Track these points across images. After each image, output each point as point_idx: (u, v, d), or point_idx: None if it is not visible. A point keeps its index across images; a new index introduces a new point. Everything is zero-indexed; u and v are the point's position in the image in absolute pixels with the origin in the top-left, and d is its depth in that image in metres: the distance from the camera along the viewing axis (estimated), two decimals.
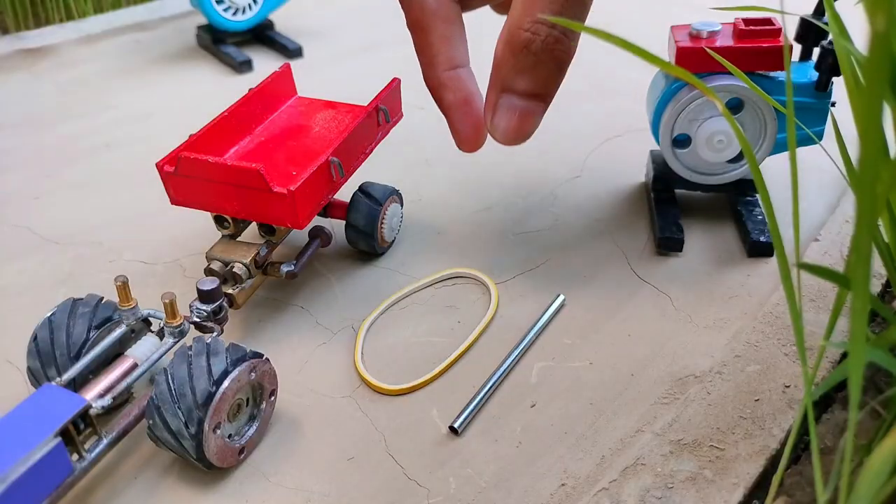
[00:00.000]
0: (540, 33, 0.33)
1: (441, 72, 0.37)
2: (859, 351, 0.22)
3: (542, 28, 0.33)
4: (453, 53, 0.37)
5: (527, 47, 0.33)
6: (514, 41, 0.33)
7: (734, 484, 0.31)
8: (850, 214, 0.48)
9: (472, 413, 0.36)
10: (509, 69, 0.34)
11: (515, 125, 0.35)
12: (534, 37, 0.33)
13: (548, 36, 0.33)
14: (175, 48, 0.79)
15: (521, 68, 0.34)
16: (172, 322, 0.35)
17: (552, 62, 0.34)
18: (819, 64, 0.43)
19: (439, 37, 0.36)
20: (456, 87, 0.37)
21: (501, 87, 0.35)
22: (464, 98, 0.37)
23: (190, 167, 0.37)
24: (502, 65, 0.34)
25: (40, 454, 0.27)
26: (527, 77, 0.34)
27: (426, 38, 0.36)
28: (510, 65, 0.34)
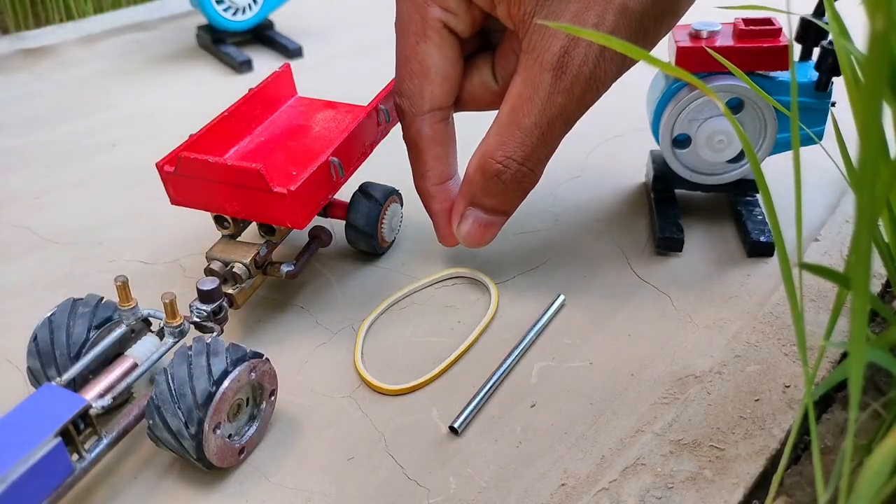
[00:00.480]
0: (510, 167, 0.37)
1: (431, 185, 0.41)
2: (859, 351, 0.22)
3: (512, 163, 0.37)
4: (444, 170, 0.41)
5: (497, 176, 0.37)
6: (486, 169, 0.37)
7: (734, 484, 0.31)
8: (850, 214, 0.48)
9: (472, 413, 0.36)
10: (478, 189, 0.38)
11: (478, 234, 0.40)
12: (504, 169, 0.37)
13: (517, 171, 0.37)
14: (175, 48, 0.79)
15: (489, 191, 0.38)
16: (172, 322, 0.35)
17: (518, 190, 0.38)
18: (819, 64, 0.43)
19: (433, 157, 0.40)
20: (443, 198, 0.41)
21: (470, 201, 0.39)
22: (449, 207, 0.41)
23: (190, 167, 0.37)
24: (473, 184, 0.38)
25: (40, 454, 0.27)
26: (493, 198, 0.39)
27: (420, 156, 0.40)
28: (479, 186, 0.38)
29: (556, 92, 0.35)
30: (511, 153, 0.36)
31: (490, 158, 0.37)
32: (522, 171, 0.37)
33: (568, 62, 0.34)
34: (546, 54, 0.34)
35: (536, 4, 0.34)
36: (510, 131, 0.36)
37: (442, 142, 0.40)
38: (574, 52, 0.34)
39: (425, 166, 0.40)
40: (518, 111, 0.36)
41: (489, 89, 0.40)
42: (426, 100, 0.39)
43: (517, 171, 0.37)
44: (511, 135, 0.36)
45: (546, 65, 0.34)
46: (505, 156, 0.37)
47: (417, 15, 0.37)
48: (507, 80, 0.39)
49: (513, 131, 0.36)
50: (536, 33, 0.34)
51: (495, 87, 0.40)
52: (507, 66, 0.39)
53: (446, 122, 0.40)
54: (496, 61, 0.40)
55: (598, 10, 0.33)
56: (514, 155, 0.36)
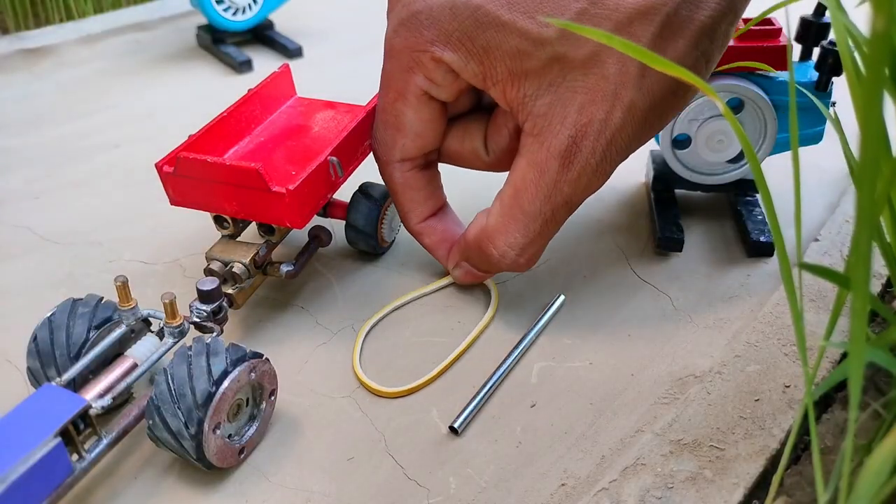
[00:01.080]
0: (507, 257, 0.37)
1: (414, 224, 0.42)
2: (859, 351, 0.22)
3: (510, 253, 0.37)
4: (422, 211, 0.42)
5: (491, 258, 0.38)
6: (484, 251, 0.38)
7: (734, 484, 0.31)
8: (850, 214, 0.48)
9: (472, 413, 0.36)
10: (474, 259, 0.40)
11: (469, 280, 0.42)
12: (501, 259, 0.38)
13: (513, 261, 0.38)
14: (175, 48, 0.79)
15: (482, 261, 0.39)
16: (172, 322, 0.35)
17: (509, 269, 0.39)
18: (819, 64, 0.43)
19: (408, 200, 0.41)
20: (430, 233, 0.42)
21: (464, 258, 0.41)
22: (440, 239, 0.42)
23: (189, 167, 0.37)
24: (469, 251, 0.40)
25: (40, 454, 0.27)
26: (484, 266, 0.40)
27: (397, 199, 0.41)
28: (475, 258, 0.39)
29: (563, 181, 0.35)
30: (511, 241, 0.37)
31: (489, 242, 0.37)
32: (519, 261, 0.38)
33: (576, 152, 0.34)
34: (554, 141, 0.34)
35: (538, 88, 0.33)
36: (513, 215, 0.36)
37: (415, 187, 0.40)
38: (583, 142, 0.33)
39: (403, 209, 0.42)
40: (522, 195, 0.36)
41: (480, 159, 0.40)
42: (397, 150, 0.39)
43: (513, 261, 0.37)
44: (514, 219, 0.36)
45: (553, 152, 0.34)
46: (505, 244, 0.37)
47: (401, 77, 0.37)
48: (498, 154, 0.39)
49: (515, 216, 0.36)
50: (542, 118, 0.34)
51: (486, 159, 0.40)
52: (499, 142, 0.39)
53: (420, 170, 0.41)
54: (489, 133, 0.39)
55: (606, 106, 0.33)
56: (513, 244, 0.37)
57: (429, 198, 0.41)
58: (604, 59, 0.32)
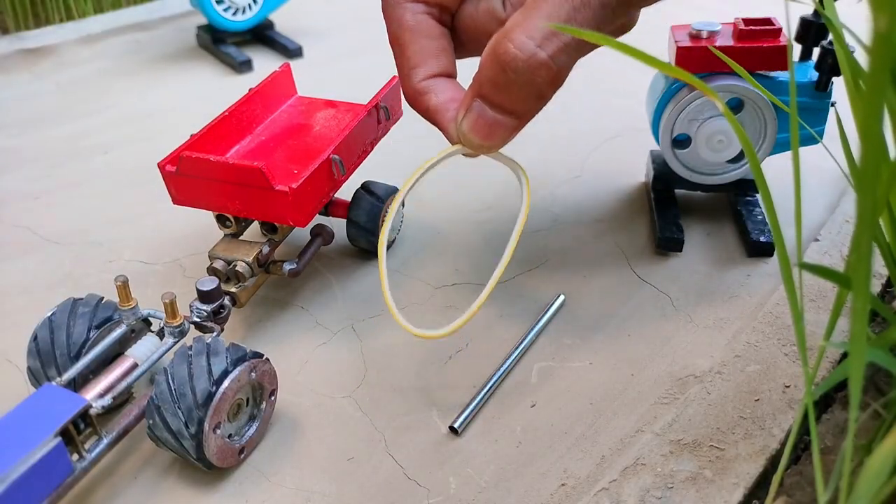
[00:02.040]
0: (524, 51, 0.30)
1: (417, 82, 0.34)
2: (860, 351, 0.22)
3: (528, 45, 0.30)
4: (432, 65, 0.34)
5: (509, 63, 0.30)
6: (498, 52, 0.30)
7: (734, 484, 0.31)
8: (850, 214, 0.48)
9: (472, 413, 0.36)
10: (487, 78, 0.32)
11: (481, 132, 0.33)
12: (518, 54, 0.30)
13: (531, 57, 0.30)
14: (175, 48, 0.79)
15: (497, 82, 0.31)
16: (172, 322, 0.35)
17: (531, 87, 0.31)
18: (819, 64, 0.43)
19: (416, 51, 0.34)
20: (437, 91, 0.34)
21: (477, 91, 0.32)
22: (448, 99, 0.34)
23: (192, 166, 0.37)
24: (482, 71, 0.32)
25: (40, 454, 0.27)
26: (502, 92, 0.31)
27: (403, 52, 0.34)
28: (488, 74, 0.31)
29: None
30: (531, 32, 0.29)
31: (505, 39, 0.30)
32: (538, 58, 0.30)
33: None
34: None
35: None
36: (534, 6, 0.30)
37: (428, 34, 0.34)
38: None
39: (409, 63, 0.34)
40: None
41: (496, 17, 0.34)
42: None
43: (531, 56, 0.30)
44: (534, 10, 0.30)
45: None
46: (523, 35, 0.30)
47: None
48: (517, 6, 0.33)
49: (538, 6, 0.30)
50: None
51: (503, 14, 0.34)
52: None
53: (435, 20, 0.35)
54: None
55: None
56: (532, 34, 0.29)
57: (441, 51, 0.35)
58: None
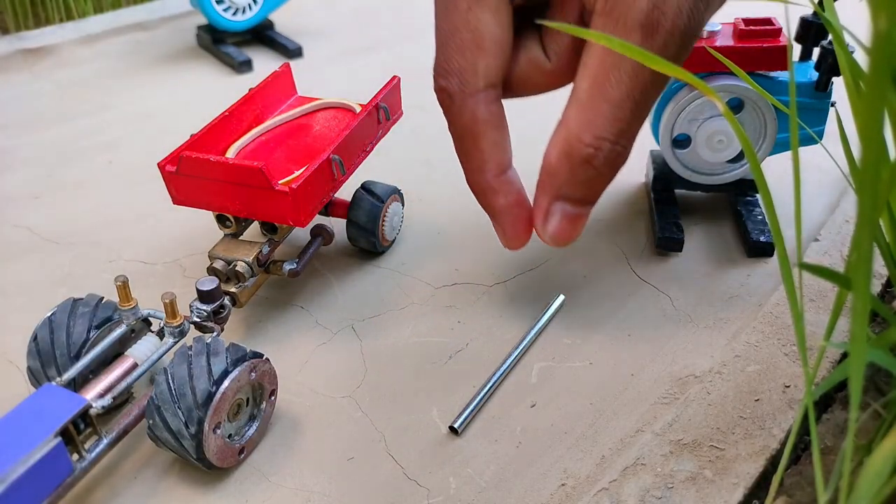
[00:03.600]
0: (603, 149, 0.31)
1: (491, 177, 0.35)
2: (860, 351, 0.22)
3: (605, 144, 0.31)
4: (503, 158, 0.35)
5: (588, 162, 0.32)
6: (574, 155, 0.32)
7: (734, 484, 0.31)
8: (849, 214, 0.48)
9: (472, 413, 0.36)
10: (564, 180, 0.33)
11: (568, 231, 0.34)
12: (596, 153, 0.31)
13: (610, 151, 0.32)
14: (175, 48, 0.79)
15: (577, 180, 0.33)
16: (172, 322, 0.35)
17: (610, 173, 0.33)
18: (819, 64, 0.43)
19: (490, 144, 0.34)
20: (507, 191, 0.35)
21: (555, 195, 0.34)
22: (515, 201, 0.35)
23: (192, 166, 0.37)
24: (558, 174, 0.33)
25: (40, 454, 0.27)
26: (582, 188, 0.33)
27: (477, 145, 0.34)
28: (566, 176, 0.33)
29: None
30: (602, 132, 0.31)
31: (577, 142, 0.31)
32: (616, 150, 0.32)
33: (659, 18, 0.29)
34: (631, 12, 0.29)
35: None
36: (596, 107, 0.31)
37: (498, 125, 0.34)
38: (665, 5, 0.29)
39: (483, 156, 0.34)
40: (603, 82, 0.31)
41: (540, 68, 0.34)
42: (480, 76, 0.33)
43: (610, 151, 0.31)
44: (598, 111, 0.31)
45: (632, 23, 0.29)
46: (595, 136, 0.31)
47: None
48: (562, 57, 0.34)
49: (599, 106, 0.31)
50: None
51: (548, 66, 0.34)
52: (560, 40, 0.34)
53: (500, 103, 0.34)
54: (546, 37, 0.34)
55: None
56: (605, 134, 0.31)
57: (508, 142, 0.35)
58: None
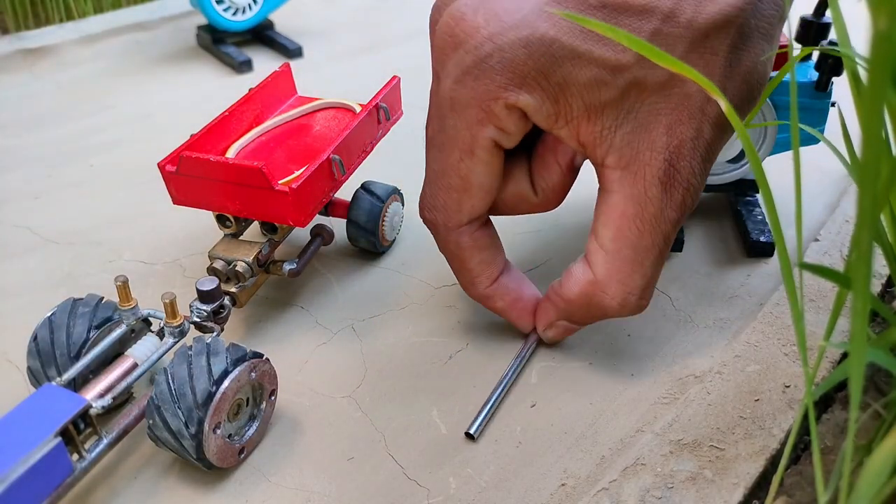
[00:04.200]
0: (629, 304, 0.34)
1: (483, 289, 0.38)
2: (860, 351, 0.22)
3: (631, 300, 0.34)
4: (493, 271, 0.37)
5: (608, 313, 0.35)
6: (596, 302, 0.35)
7: (734, 484, 0.31)
8: (849, 214, 0.48)
9: (487, 417, 0.36)
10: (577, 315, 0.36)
11: (563, 336, 0.39)
12: (622, 307, 0.34)
13: (635, 307, 0.34)
14: (175, 48, 0.79)
15: (589, 317, 0.36)
16: (172, 322, 0.35)
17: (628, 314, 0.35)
18: (819, 64, 0.43)
19: (477, 263, 0.37)
20: (502, 295, 0.38)
21: (563, 317, 0.37)
22: (512, 300, 0.38)
23: (192, 166, 0.37)
24: (572, 305, 0.36)
25: (40, 454, 0.27)
26: (590, 319, 0.36)
27: (464, 266, 0.37)
28: (581, 314, 0.36)
29: (669, 207, 0.32)
30: (631, 286, 0.34)
31: (604, 294, 0.34)
32: (642, 304, 0.34)
33: (675, 175, 0.32)
34: (648, 169, 0.32)
35: (617, 118, 0.31)
36: (623, 257, 0.33)
37: (484, 246, 0.37)
38: (680, 164, 0.32)
39: (472, 274, 0.37)
40: (628, 233, 0.33)
41: (526, 200, 0.37)
42: (465, 213, 0.35)
43: (636, 305, 0.34)
44: (626, 261, 0.33)
45: (652, 180, 0.32)
46: (624, 291, 0.34)
47: (468, 133, 0.33)
48: (548, 194, 0.36)
49: (626, 257, 0.33)
50: (627, 147, 0.32)
51: (534, 199, 0.37)
52: (548, 179, 0.36)
53: (485, 226, 0.37)
54: (534, 171, 0.36)
55: (695, 124, 0.31)
56: (634, 289, 0.34)
57: (497, 254, 0.37)
58: (684, 78, 0.30)
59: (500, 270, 0.38)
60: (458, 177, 0.34)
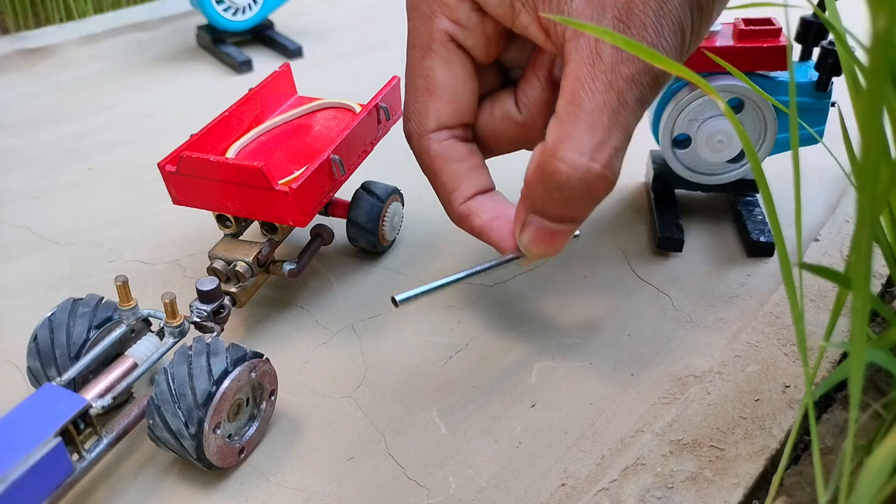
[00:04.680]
0: (577, 169, 0.30)
1: (458, 206, 0.36)
2: (860, 351, 0.22)
3: (580, 163, 0.30)
4: (468, 187, 0.35)
5: (562, 183, 0.30)
6: (547, 171, 0.31)
7: (734, 484, 0.31)
8: (849, 214, 0.48)
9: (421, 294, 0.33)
10: (539, 196, 0.32)
11: (543, 245, 0.33)
12: (570, 171, 0.30)
13: (586, 173, 0.30)
14: (175, 48, 0.79)
15: (552, 199, 0.32)
16: (172, 322, 0.35)
17: (588, 197, 0.31)
18: (819, 64, 0.43)
19: (450, 175, 0.35)
20: (479, 212, 0.35)
21: (531, 209, 0.33)
22: (491, 217, 0.35)
23: (192, 166, 0.37)
24: (532, 188, 0.32)
25: (40, 454, 0.27)
26: (559, 207, 0.32)
27: (437, 179, 0.36)
28: (541, 193, 0.32)
29: (620, 62, 0.29)
30: (577, 146, 0.30)
31: (551, 157, 0.30)
32: (594, 171, 0.30)
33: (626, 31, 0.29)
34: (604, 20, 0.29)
35: None
36: (573, 118, 0.30)
37: (457, 158, 0.35)
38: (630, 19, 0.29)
39: (445, 188, 0.36)
40: (579, 94, 0.30)
41: (512, 120, 0.36)
42: (431, 117, 0.35)
43: (587, 171, 0.30)
44: (575, 121, 0.30)
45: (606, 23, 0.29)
46: (570, 150, 0.30)
47: (424, 28, 0.33)
48: (532, 109, 0.35)
49: (577, 117, 0.30)
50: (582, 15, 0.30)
51: (519, 118, 0.35)
52: (530, 93, 0.35)
53: (461, 142, 0.36)
54: (518, 91, 0.36)
55: None
56: (581, 148, 0.30)
57: (474, 170, 0.36)
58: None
59: (477, 188, 0.36)
60: (422, 77, 0.34)
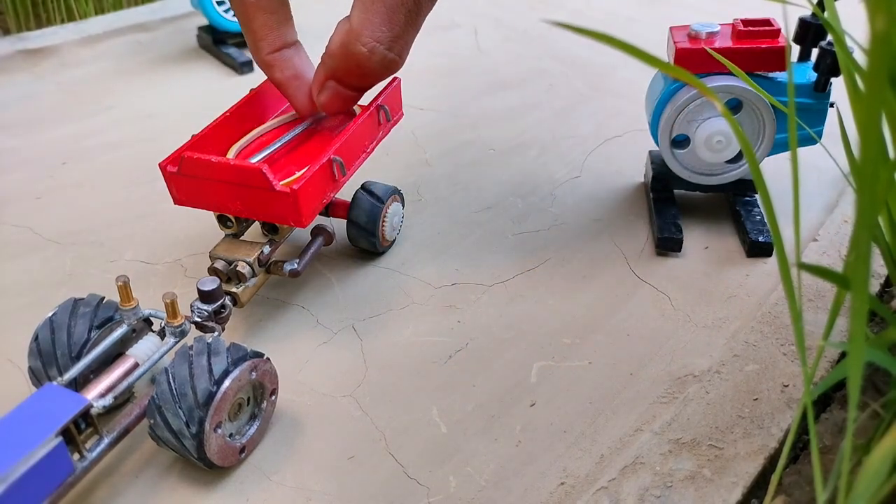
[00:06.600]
0: (376, 53, 0.36)
1: (265, 55, 0.40)
2: (858, 351, 0.22)
3: (378, 48, 0.36)
4: (275, 39, 0.40)
5: (362, 63, 0.37)
6: (351, 51, 0.36)
7: (733, 483, 0.31)
8: (848, 215, 0.48)
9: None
10: (341, 68, 0.38)
11: (336, 106, 0.40)
12: (370, 55, 0.36)
13: (383, 57, 0.36)
14: (176, 49, 0.79)
15: (351, 72, 0.38)
16: (173, 322, 0.35)
17: (383, 73, 0.37)
18: (818, 64, 0.43)
19: (261, 25, 0.39)
20: (282, 66, 0.40)
21: (330, 74, 0.39)
22: (292, 74, 0.41)
23: (193, 167, 0.38)
24: (335, 59, 0.38)
25: (41, 454, 0.27)
26: (355, 78, 0.38)
27: (249, 25, 0.39)
28: (342, 66, 0.38)
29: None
30: (378, 35, 0.36)
31: (355, 40, 0.36)
32: (389, 56, 0.36)
33: None
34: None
35: None
36: (375, 9, 0.35)
37: (268, 9, 0.39)
38: None
39: (255, 36, 0.40)
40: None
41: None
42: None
43: (383, 56, 0.36)
44: (377, 13, 0.35)
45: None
46: (372, 38, 0.36)
47: None
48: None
49: (378, 9, 0.35)
50: None
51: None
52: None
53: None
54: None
55: None
56: (381, 38, 0.36)
57: (282, 23, 0.40)
58: None
59: (284, 42, 0.40)
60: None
